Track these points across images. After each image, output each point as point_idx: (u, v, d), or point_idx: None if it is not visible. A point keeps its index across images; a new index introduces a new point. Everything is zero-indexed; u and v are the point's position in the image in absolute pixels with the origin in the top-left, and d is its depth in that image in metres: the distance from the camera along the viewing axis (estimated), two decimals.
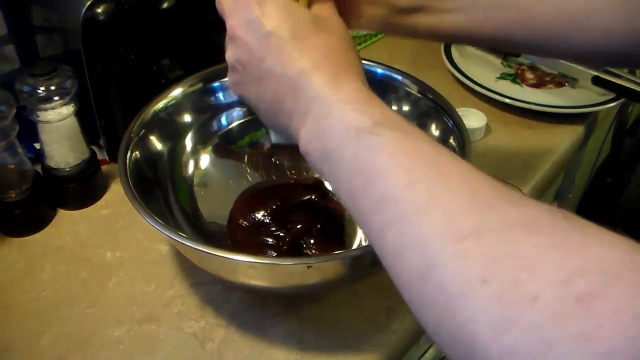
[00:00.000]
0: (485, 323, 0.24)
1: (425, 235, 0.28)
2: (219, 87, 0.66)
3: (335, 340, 0.54)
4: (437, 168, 0.31)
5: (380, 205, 0.31)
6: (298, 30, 0.38)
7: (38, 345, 0.54)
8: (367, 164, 0.32)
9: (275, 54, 0.38)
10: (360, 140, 0.33)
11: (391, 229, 0.30)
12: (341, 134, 0.34)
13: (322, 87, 0.36)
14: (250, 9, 0.39)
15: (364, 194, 0.32)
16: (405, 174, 0.31)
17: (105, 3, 0.62)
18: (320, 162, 0.36)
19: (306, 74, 0.37)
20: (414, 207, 0.29)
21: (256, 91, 0.40)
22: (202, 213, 0.62)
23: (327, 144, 0.35)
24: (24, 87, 0.60)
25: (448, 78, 0.89)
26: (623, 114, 1.24)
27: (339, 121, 0.34)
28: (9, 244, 0.63)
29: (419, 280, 0.28)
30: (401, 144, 0.32)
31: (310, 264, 0.45)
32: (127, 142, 0.56)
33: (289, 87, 0.38)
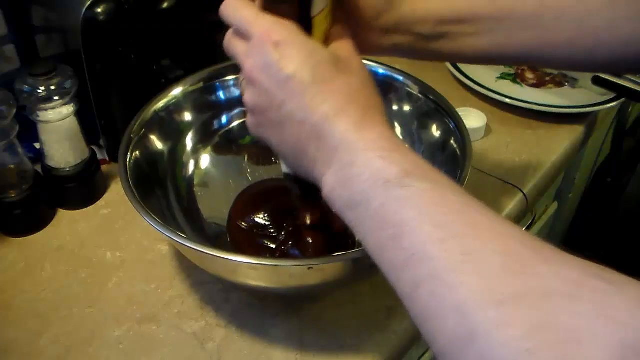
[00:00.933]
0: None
1: (463, 298, 0.27)
2: (220, 86, 0.66)
3: (335, 340, 0.54)
4: (469, 223, 0.30)
5: (411, 261, 0.30)
6: (319, 73, 0.37)
7: (38, 345, 0.54)
8: (396, 217, 0.31)
9: (297, 99, 0.37)
10: (388, 191, 0.32)
11: (424, 287, 0.29)
12: (368, 184, 0.33)
13: (346, 134, 0.35)
14: (267, 51, 0.37)
15: (393, 247, 0.31)
16: (437, 230, 0.30)
17: (105, 3, 0.62)
18: (345, 210, 0.35)
19: (330, 119, 0.36)
20: (448, 266, 0.28)
21: (277, 135, 0.39)
22: (202, 213, 0.62)
23: (353, 193, 0.34)
24: (24, 87, 0.60)
25: (448, 78, 0.89)
26: (623, 114, 1.24)
27: (366, 170, 0.34)
28: (9, 244, 0.63)
29: (458, 347, 0.27)
30: (431, 196, 0.32)
31: (311, 265, 0.45)
32: (127, 142, 0.56)
33: (312, 133, 0.37)
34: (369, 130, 0.36)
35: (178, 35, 0.69)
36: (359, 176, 0.34)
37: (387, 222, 0.32)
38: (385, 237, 0.32)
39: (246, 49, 0.39)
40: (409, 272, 0.30)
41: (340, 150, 0.35)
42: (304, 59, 0.37)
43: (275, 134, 0.40)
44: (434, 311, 0.28)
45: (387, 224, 0.32)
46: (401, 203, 0.31)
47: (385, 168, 0.33)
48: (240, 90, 0.43)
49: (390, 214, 0.32)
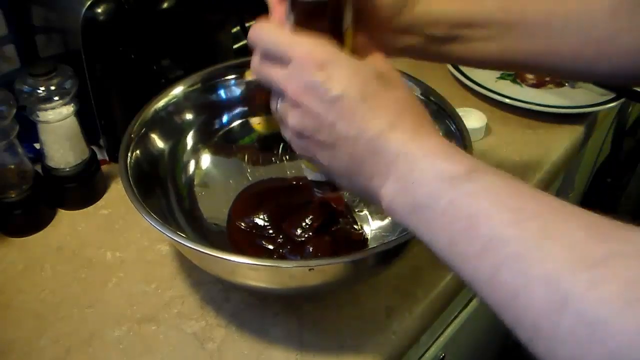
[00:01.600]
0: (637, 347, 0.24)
1: (551, 268, 0.27)
2: (220, 85, 0.66)
3: (335, 340, 0.54)
4: (543, 205, 0.31)
5: (489, 247, 0.30)
6: (367, 89, 0.37)
7: (38, 345, 0.54)
8: (467, 210, 0.32)
9: (348, 118, 0.37)
10: (456, 188, 0.33)
11: (505, 268, 0.29)
12: (433, 185, 0.34)
13: (404, 145, 0.36)
14: (312, 73, 0.37)
15: (467, 238, 0.32)
16: (512, 213, 0.30)
17: (105, 3, 0.62)
18: (408, 216, 0.36)
19: (385, 134, 0.36)
20: (530, 243, 0.29)
21: (329, 156, 0.39)
22: (202, 213, 0.62)
23: (416, 197, 0.35)
24: (24, 87, 0.60)
25: (448, 78, 0.89)
26: (623, 114, 1.24)
27: (428, 173, 0.34)
28: (9, 244, 0.63)
29: (552, 316, 0.27)
30: (501, 186, 0.32)
31: (312, 266, 0.45)
32: (127, 141, 0.56)
33: (367, 150, 0.37)
34: (426, 139, 0.36)
35: (178, 35, 0.69)
36: (422, 179, 0.34)
37: (458, 216, 0.32)
38: (457, 231, 0.32)
39: (286, 73, 0.38)
40: (487, 258, 0.30)
41: (398, 161, 0.36)
42: (350, 78, 0.37)
43: (326, 154, 0.39)
44: (520, 289, 0.28)
45: (459, 218, 0.32)
46: (471, 196, 0.32)
47: (449, 167, 0.34)
48: (279, 115, 0.41)
49: (462, 208, 0.32)
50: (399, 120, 0.37)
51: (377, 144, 0.36)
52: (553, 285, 0.27)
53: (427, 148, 0.36)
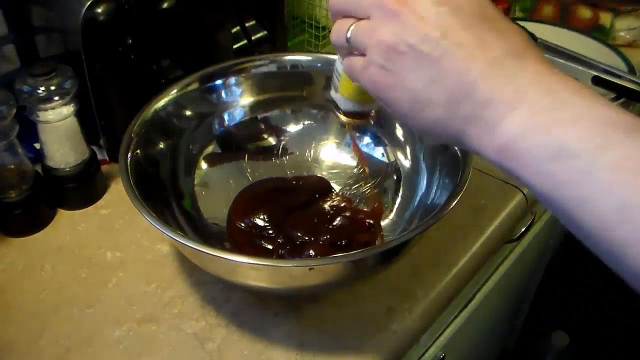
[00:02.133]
0: None
1: None
2: (220, 85, 0.66)
3: (335, 340, 0.54)
4: None
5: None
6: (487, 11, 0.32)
7: (38, 345, 0.54)
8: None
9: (464, 33, 0.31)
10: (632, 143, 0.26)
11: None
12: (595, 131, 0.27)
13: (541, 74, 0.30)
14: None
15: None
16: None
17: (105, 3, 0.62)
18: (543, 163, 0.28)
19: (514, 57, 0.31)
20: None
21: (427, 77, 0.32)
22: (203, 213, 0.62)
23: (566, 141, 0.27)
24: (24, 87, 0.60)
25: None
26: None
27: (587, 116, 0.28)
28: (9, 244, 0.63)
29: None
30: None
31: (312, 266, 0.45)
32: (127, 141, 0.56)
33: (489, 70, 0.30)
34: (562, 76, 0.30)
35: (178, 35, 0.69)
36: (577, 120, 0.28)
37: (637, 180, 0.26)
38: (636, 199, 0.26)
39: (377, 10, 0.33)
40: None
41: (536, 90, 0.29)
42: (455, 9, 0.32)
43: (422, 75, 0.32)
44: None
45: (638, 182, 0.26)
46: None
47: (616, 114, 0.28)
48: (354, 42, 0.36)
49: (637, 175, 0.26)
50: (529, 50, 0.31)
51: (505, 65, 0.30)
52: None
53: (574, 87, 0.29)
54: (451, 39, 0.31)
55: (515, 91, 0.30)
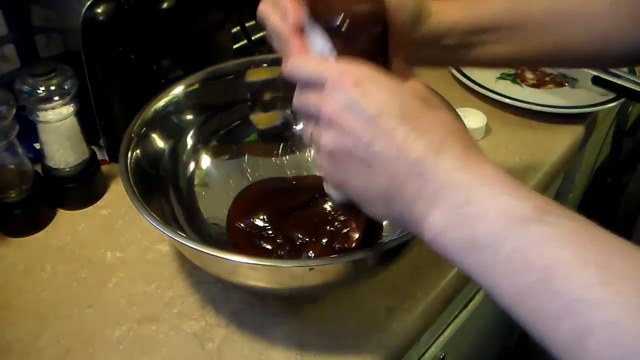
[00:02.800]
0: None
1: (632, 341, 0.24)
2: (220, 85, 0.66)
3: (335, 340, 0.54)
4: (634, 261, 0.27)
5: (572, 309, 0.27)
6: (408, 108, 0.35)
7: (38, 346, 0.54)
8: (541, 260, 0.28)
9: (388, 137, 0.34)
10: (526, 231, 0.29)
11: (596, 336, 0.26)
12: (496, 224, 0.30)
13: (454, 170, 0.33)
14: (348, 90, 0.35)
15: (542, 292, 0.28)
16: (601, 271, 0.27)
17: (105, 3, 0.62)
18: (462, 254, 0.32)
19: (432, 156, 0.33)
20: (626, 310, 0.25)
21: (362, 179, 0.36)
22: (203, 213, 0.62)
23: (474, 235, 0.31)
24: (24, 87, 0.60)
25: (448, 78, 0.89)
26: (623, 114, 1.24)
27: (490, 208, 0.31)
28: (9, 244, 0.63)
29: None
30: (582, 233, 0.29)
31: (312, 266, 0.45)
32: (128, 141, 0.56)
33: (410, 172, 0.33)
34: (478, 165, 0.33)
35: (178, 35, 0.69)
36: (482, 215, 0.31)
37: (529, 266, 0.28)
38: (527, 283, 0.28)
39: (321, 95, 0.37)
40: (569, 321, 0.27)
41: (450, 188, 0.32)
42: (389, 95, 0.35)
43: (359, 177, 0.36)
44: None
45: (530, 268, 0.28)
46: (546, 243, 0.28)
47: (515, 205, 0.30)
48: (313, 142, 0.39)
49: (534, 257, 0.28)
50: (446, 143, 0.34)
51: (423, 166, 0.33)
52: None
53: (484, 178, 0.32)
54: (377, 147, 0.34)
55: (433, 190, 0.33)
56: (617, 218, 1.30)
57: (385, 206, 0.36)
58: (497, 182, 0.32)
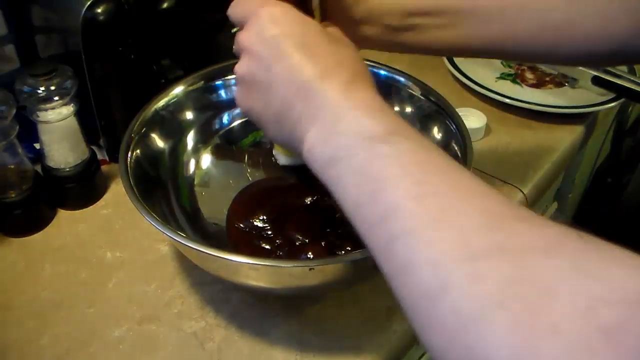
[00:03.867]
0: (501, 353, 0.23)
1: (438, 253, 0.27)
2: (221, 85, 0.66)
3: (335, 340, 0.54)
4: (450, 182, 0.30)
5: (388, 217, 0.30)
6: (309, 36, 0.38)
7: (38, 345, 0.54)
8: (377, 172, 0.32)
9: (286, 60, 0.37)
10: (372, 147, 0.32)
11: (399, 242, 0.29)
12: (351, 140, 0.33)
13: (334, 93, 0.36)
14: (259, 19, 0.39)
15: (371, 203, 0.31)
16: (416, 186, 0.30)
17: (105, 3, 0.62)
18: (325, 168, 0.35)
19: (318, 80, 0.36)
20: (425, 221, 0.28)
21: (263, 100, 0.39)
22: (203, 213, 0.62)
23: (335, 149, 0.34)
24: (24, 87, 0.60)
25: (448, 78, 0.89)
26: (623, 114, 1.24)
27: (350, 127, 0.34)
28: (9, 244, 0.63)
29: (429, 301, 0.26)
30: (414, 154, 0.32)
31: (312, 266, 0.45)
32: (128, 141, 0.56)
33: (299, 93, 0.37)
34: (358, 91, 0.36)
35: (178, 35, 0.69)
36: (343, 132, 0.34)
37: (368, 178, 0.32)
38: (363, 193, 0.32)
39: (243, 30, 0.40)
40: (385, 226, 0.30)
41: (326, 108, 0.36)
42: (293, 24, 0.38)
43: (260, 99, 0.40)
44: (408, 265, 0.28)
45: (368, 179, 0.32)
46: (384, 160, 0.32)
47: (371, 125, 0.34)
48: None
49: (372, 170, 0.32)
50: (335, 71, 0.37)
51: (310, 87, 0.36)
52: (437, 271, 0.26)
53: (356, 102, 0.35)
54: (275, 69, 0.38)
55: (314, 110, 0.36)
56: (617, 218, 1.30)
57: (278, 127, 0.39)
58: (366, 106, 0.35)
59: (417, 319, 0.28)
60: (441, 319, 0.26)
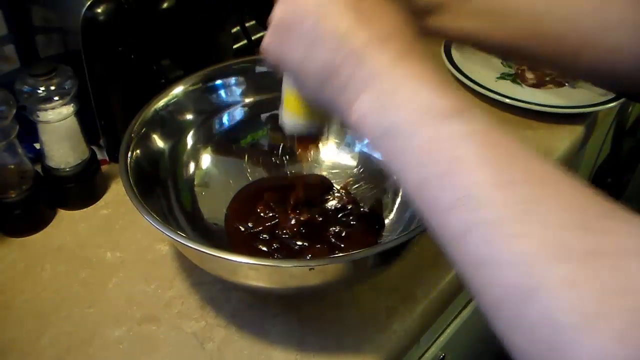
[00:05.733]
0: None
1: (525, 249, 0.25)
2: (221, 85, 0.66)
3: (335, 340, 0.54)
4: (533, 171, 0.28)
5: (463, 203, 0.27)
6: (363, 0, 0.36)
7: (38, 345, 0.54)
8: (448, 153, 0.29)
9: (339, 17, 0.35)
10: (440, 125, 0.30)
11: (477, 233, 0.27)
12: (415, 113, 0.31)
13: (390, 62, 0.33)
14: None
15: (440, 186, 0.29)
16: (497, 173, 0.27)
17: (105, 3, 0.62)
18: (379, 139, 0.33)
19: (371, 46, 0.34)
20: (508, 212, 0.26)
21: (303, 56, 0.37)
22: (203, 213, 0.62)
23: (394, 121, 0.31)
24: (24, 87, 0.60)
25: (448, 78, 0.89)
26: (623, 114, 1.24)
27: (413, 99, 0.31)
28: (9, 244, 0.63)
29: (517, 301, 0.25)
30: (490, 137, 0.29)
31: (312, 266, 0.45)
32: (128, 141, 0.56)
33: (350, 57, 0.34)
34: (416, 63, 0.33)
35: (178, 35, 0.69)
36: (404, 104, 0.31)
37: (435, 157, 0.29)
38: (432, 173, 0.29)
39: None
40: (459, 214, 0.28)
41: (381, 77, 0.33)
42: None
43: (299, 50, 0.37)
44: (488, 260, 0.26)
45: (436, 159, 0.29)
46: (456, 140, 0.29)
47: (437, 99, 0.31)
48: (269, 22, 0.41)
49: (441, 150, 0.29)
50: (390, 37, 0.34)
51: (363, 52, 0.34)
52: (525, 268, 0.25)
53: (415, 72, 0.33)
54: (324, 26, 0.35)
55: (367, 76, 0.34)
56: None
57: (319, 84, 0.37)
58: (426, 78, 0.32)
59: (499, 317, 0.26)
60: (530, 322, 0.24)
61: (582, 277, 0.23)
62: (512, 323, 0.25)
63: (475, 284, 0.27)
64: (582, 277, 0.23)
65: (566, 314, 0.23)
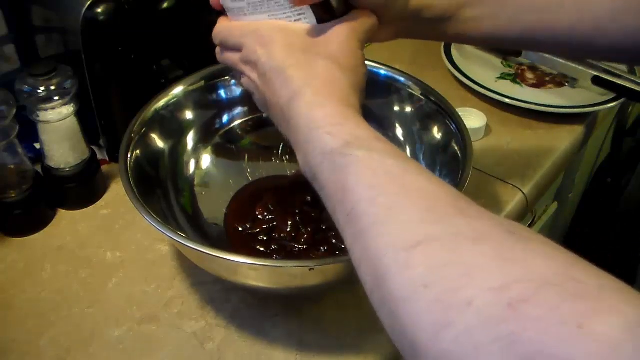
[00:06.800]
0: (424, 326, 0.26)
1: (382, 245, 0.30)
2: (221, 85, 0.66)
3: (335, 340, 0.54)
4: (399, 184, 0.33)
5: (350, 219, 0.33)
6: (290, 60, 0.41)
7: (38, 345, 0.54)
8: (340, 182, 0.35)
9: (271, 88, 0.42)
10: (332, 162, 0.36)
11: (358, 240, 0.32)
12: (319, 158, 0.37)
13: (303, 115, 0.39)
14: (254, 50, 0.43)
15: (339, 209, 0.34)
16: (368, 190, 0.33)
17: (105, 3, 0.62)
18: (312, 183, 0.39)
19: (290, 102, 0.40)
20: (375, 219, 0.31)
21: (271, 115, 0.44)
22: (202, 213, 0.62)
23: (312, 167, 0.37)
24: (24, 87, 0.60)
25: (448, 78, 0.89)
26: (623, 114, 1.24)
27: (317, 146, 0.37)
28: (9, 244, 0.63)
29: (376, 287, 0.30)
30: (367, 162, 0.34)
31: (312, 266, 0.45)
32: (128, 141, 0.56)
33: (284, 117, 0.41)
34: (324, 107, 0.39)
35: (178, 35, 0.69)
36: (313, 151, 0.37)
37: (335, 188, 0.35)
38: (335, 201, 0.35)
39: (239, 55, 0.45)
40: (349, 228, 0.33)
41: (299, 132, 0.39)
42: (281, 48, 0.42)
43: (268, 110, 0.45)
44: (364, 259, 0.31)
45: (335, 190, 0.35)
46: (342, 170, 0.35)
47: (330, 141, 0.36)
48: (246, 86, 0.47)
49: (336, 181, 0.35)
50: (305, 87, 0.40)
51: (287, 111, 0.40)
52: (379, 262, 0.29)
53: (319, 119, 0.38)
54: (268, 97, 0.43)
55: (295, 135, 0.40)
56: (617, 218, 1.30)
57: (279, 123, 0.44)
58: (327, 122, 0.38)
59: (374, 305, 0.31)
60: (383, 302, 0.29)
61: (417, 258, 0.28)
62: (376, 306, 0.30)
63: (362, 281, 0.32)
64: (416, 260, 0.28)
65: (401, 288, 0.28)
